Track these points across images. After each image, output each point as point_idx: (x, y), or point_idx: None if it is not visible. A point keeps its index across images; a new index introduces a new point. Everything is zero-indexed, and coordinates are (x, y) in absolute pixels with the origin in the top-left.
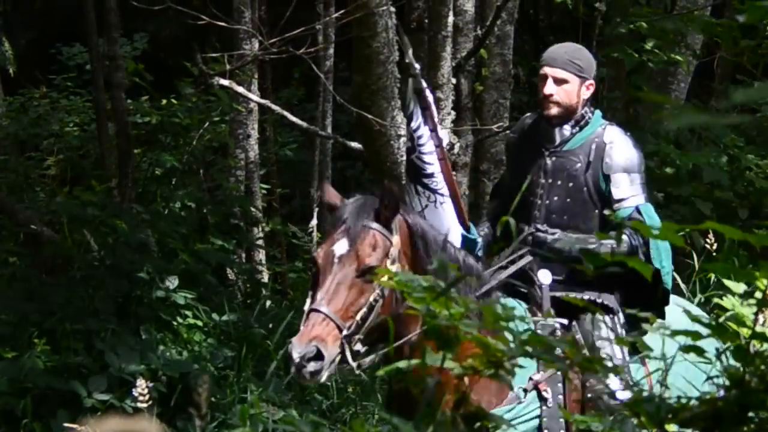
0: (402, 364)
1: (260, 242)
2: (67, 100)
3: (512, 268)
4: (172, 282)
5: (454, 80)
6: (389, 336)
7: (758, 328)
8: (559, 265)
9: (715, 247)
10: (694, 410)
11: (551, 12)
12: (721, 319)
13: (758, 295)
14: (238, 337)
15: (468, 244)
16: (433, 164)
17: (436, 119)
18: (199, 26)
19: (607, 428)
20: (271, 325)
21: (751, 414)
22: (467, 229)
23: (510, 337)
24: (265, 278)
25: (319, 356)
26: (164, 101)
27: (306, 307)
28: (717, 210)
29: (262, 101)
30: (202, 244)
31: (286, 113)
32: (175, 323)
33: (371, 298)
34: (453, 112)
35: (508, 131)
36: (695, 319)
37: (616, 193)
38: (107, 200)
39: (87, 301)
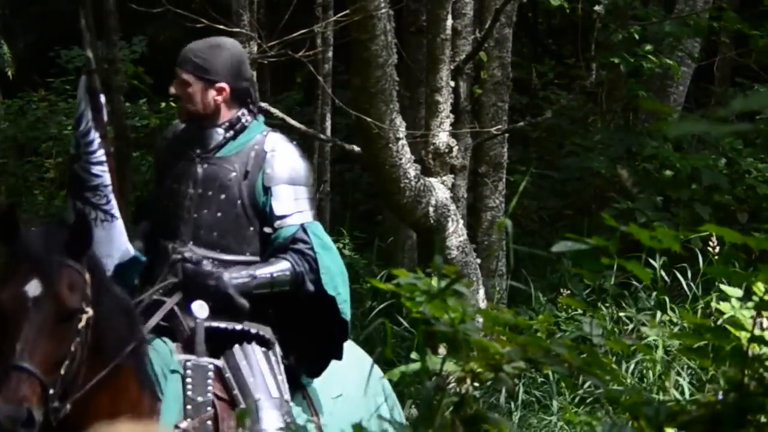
0: (401, 369)
1: None
2: (66, 103)
3: (166, 306)
4: None
5: (452, 83)
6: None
7: (756, 332)
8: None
9: (717, 251)
10: (693, 414)
11: (550, 15)
12: (719, 322)
13: (756, 298)
14: None
15: (136, 267)
16: (101, 176)
17: (105, 126)
18: (198, 29)
19: (607, 430)
20: None
21: (749, 417)
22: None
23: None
24: None
25: (30, 421)
26: (163, 104)
27: None
28: (716, 214)
29: (261, 104)
30: None
31: (285, 116)
32: None
33: (72, 347)
34: (452, 115)
35: (506, 134)
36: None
37: (278, 208)
38: None
39: None
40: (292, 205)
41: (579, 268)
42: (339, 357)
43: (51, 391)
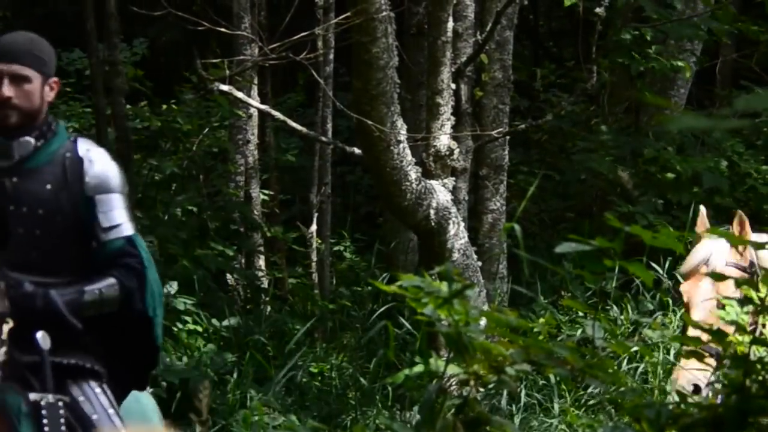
0: (404, 372)
1: (260, 248)
2: (67, 106)
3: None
4: (172, 287)
5: (453, 86)
6: None
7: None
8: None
9: None
10: (694, 416)
11: (551, 17)
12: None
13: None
14: (238, 343)
15: None
16: None
17: None
18: (199, 32)
19: None
20: (271, 331)
21: (751, 420)
22: None
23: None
24: (265, 284)
25: None
26: (164, 107)
27: None
28: (717, 216)
29: (262, 107)
30: (202, 249)
31: (285, 119)
32: (175, 329)
33: None
34: (453, 118)
35: (507, 136)
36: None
37: (105, 219)
38: None
39: None
40: (116, 216)
41: (581, 270)
42: (143, 386)
43: None
